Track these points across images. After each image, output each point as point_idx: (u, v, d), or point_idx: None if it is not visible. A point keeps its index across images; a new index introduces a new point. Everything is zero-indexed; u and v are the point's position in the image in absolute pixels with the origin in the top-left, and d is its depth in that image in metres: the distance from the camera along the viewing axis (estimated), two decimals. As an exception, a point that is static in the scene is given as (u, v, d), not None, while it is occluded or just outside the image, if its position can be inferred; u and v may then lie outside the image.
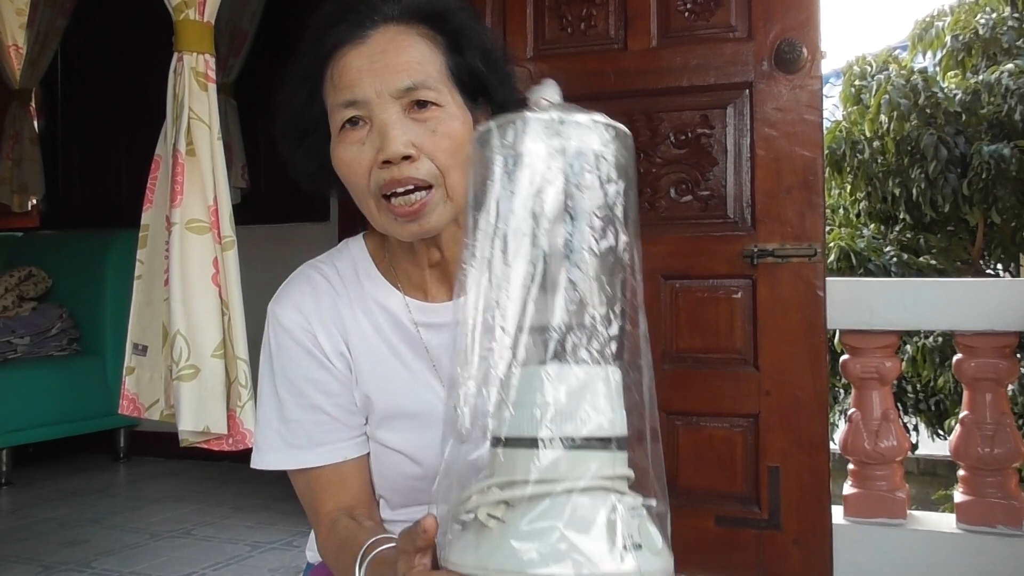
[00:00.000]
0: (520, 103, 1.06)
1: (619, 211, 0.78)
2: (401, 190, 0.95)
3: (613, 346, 0.76)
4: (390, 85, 0.94)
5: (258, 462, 1.07)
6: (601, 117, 0.79)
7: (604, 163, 0.78)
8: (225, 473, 3.52)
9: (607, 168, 0.78)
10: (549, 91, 0.82)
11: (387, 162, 0.94)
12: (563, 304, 0.75)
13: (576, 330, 0.75)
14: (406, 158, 0.94)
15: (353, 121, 0.96)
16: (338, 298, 1.07)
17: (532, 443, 0.72)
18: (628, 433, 0.77)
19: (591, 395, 0.74)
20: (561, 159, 0.76)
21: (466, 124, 0.98)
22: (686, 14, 2.32)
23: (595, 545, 0.69)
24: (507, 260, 0.76)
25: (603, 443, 0.74)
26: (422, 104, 0.95)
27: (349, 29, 0.96)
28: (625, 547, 0.70)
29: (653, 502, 0.76)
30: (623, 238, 0.78)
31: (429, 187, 0.95)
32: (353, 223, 3.23)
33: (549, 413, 0.72)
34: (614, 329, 0.76)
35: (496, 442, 0.74)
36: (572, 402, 0.73)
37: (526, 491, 0.71)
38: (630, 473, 0.76)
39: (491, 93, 1.03)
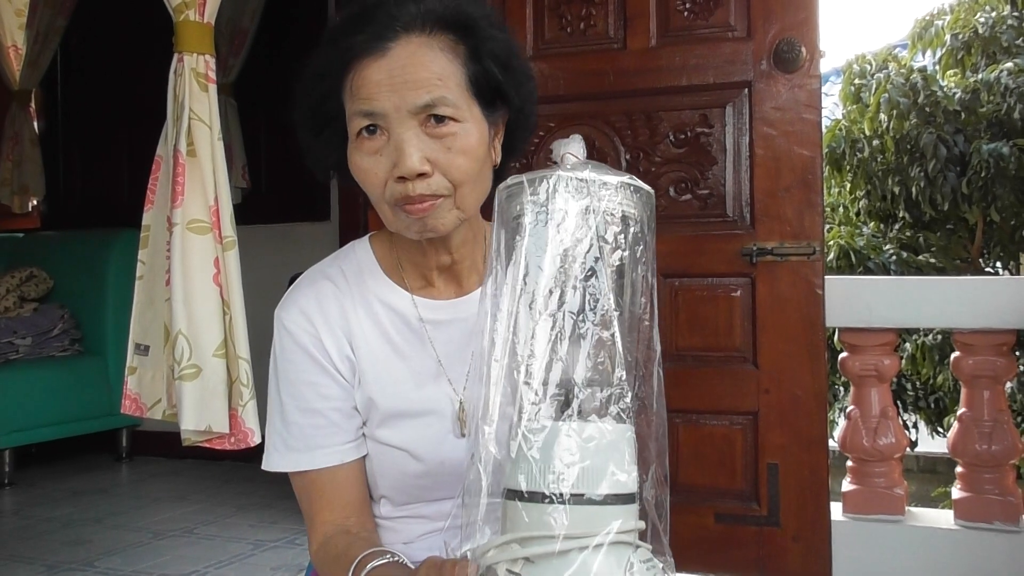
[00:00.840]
0: (535, 103, 1.07)
1: (643, 271, 0.81)
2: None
3: (635, 405, 0.78)
4: (409, 102, 0.94)
5: (265, 463, 1.10)
6: (628, 178, 0.80)
7: (631, 225, 0.80)
8: (227, 472, 3.53)
9: (634, 229, 0.80)
10: (575, 146, 0.83)
11: (402, 177, 0.95)
12: (587, 362, 0.76)
13: (599, 388, 0.77)
14: (421, 174, 0.95)
15: (370, 129, 0.97)
16: (343, 301, 1.08)
17: (556, 499, 0.73)
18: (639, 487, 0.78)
19: (615, 453, 0.76)
20: (590, 218, 0.77)
21: (483, 136, 0.99)
22: (685, 13, 2.33)
23: None
24: (532, 315, 0.77)
25: (622, 499, 0.75)
26: (439, 119, 0.96)
27: (370, 40, 0.96)
28: None
29: (660, 559, 0.78)
30: (643, 299, 0.81)
31: (439, 196, 0.97)
32: (354, 222, 3.25)
33: (575, 471, 0.74)
34: (635, 389, 0.78)
35: (516, 496, 0.75)
36: (598, 461, 0.74)
37: (550, 548, 0.72)
38: (642, 524, 0.78)
39: (509, 99, 1.03)
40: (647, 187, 0.82)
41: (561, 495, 0.73)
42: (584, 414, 0.76)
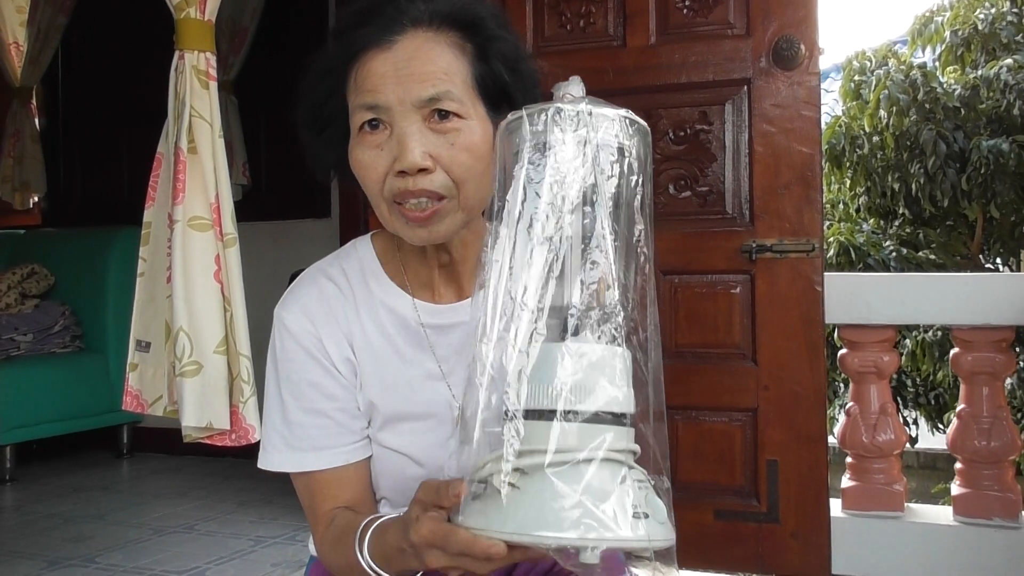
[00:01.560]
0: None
1: (638, 201, 0.82)
2: (414, 200, 0.95)
3: (625, 328, 0.79)
4: (413, 95, 0.93)
5: (263, 462, 1.08)
6: (625, 112, 0.82)
7: (626, 155, 0.81)
8: (228, 469, 3.53)
9: (629, 160, 0.81)
10: (574, 87, 0.85)
11: (403, 172, 0.94)
12: (582, 285, 0.78)
13: (593, 310, 0.79)
14: (422, 170, 0.94)
15: (373, 124, 0.95)
16: (345, 302, 1.07)
17: (550, 415, 0.75)
18: (636, 411, 0.80)
19: (607, 371, 0.78)
20: (587, 149, 0.79)
21: (486, 136, 0.97)
22: (685, 11, 2.33)
23: (607, 513, 0.73)
24: (530, 242, 0.79)
25: (616, 417, 0.77)
26: (443, 115, 0.94)
27: (377, 32, 0.95)
28: (635, 515, 0.73)
29: (655, 479, 0.80)
30: (640, 227, 0.82)
31: (442, 197, 0.96)
32: (354, 220, 3.26)
33: (567, 387, 0.76)
34: (628, 312, 0.80)
35: (512, 414, 0.77)
36: (590, 377, 0.76)
37: (543, 460, 0.74)
38: (637, 448, 0.79)
39: (515, 102, 1.01)
40: (643, 122, 0.84)
41: (554, 411, 0.75)
42: (578, 336, 0.78)
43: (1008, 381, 4.83)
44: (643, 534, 0.73)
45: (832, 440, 2.40)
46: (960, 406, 2.32)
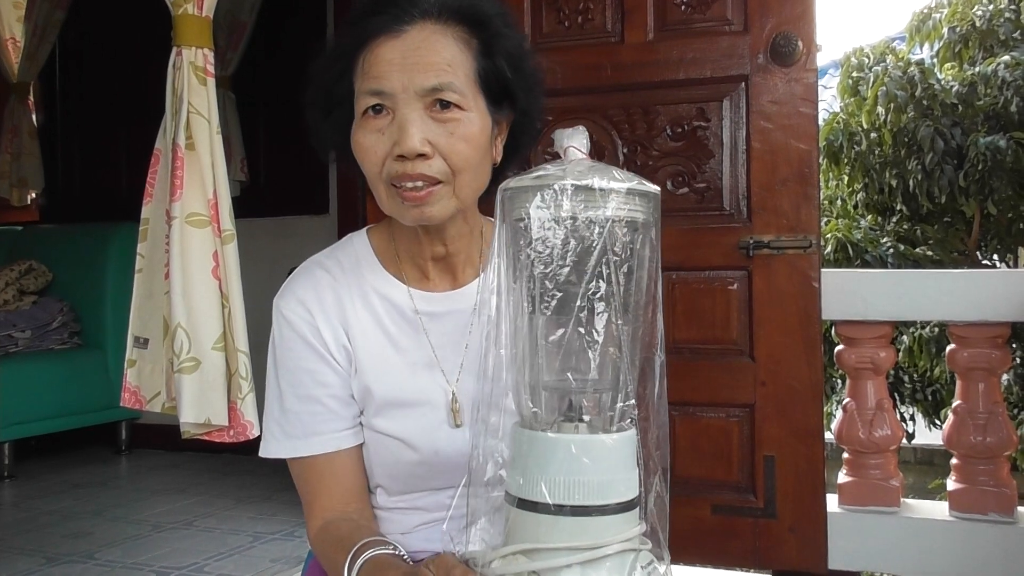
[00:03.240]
0: (542, 111, 1.09)
1: (649, 271, 0.81)
2: (410, 183, 0.98)
3: (635, 410, 0.79)
4: (417, 83, 0.96)
5: (262, 451, 1.11)
6: (637, 183, 0.79)
7: (638, 230, 0.79)
8: (226, 465, 3.54)
9: (641, 235, 0.80)
10: (578, 139, 0.84)
11: (402, 156, 0.97)
12: (593, 367, 0.77)
13: (604, 393, 0.78)
14: (420, 155, 0.97)
15: (376, 108, 0.99)
16: (340, 290, 1.09)
17: (562, 511, 0.74)
18: (641, 491, 0.80)
19: (621, 461, 0.77)
20: (598, 227, 0.77)
21: (485, 129, 1.01)
22: (682, 7, 2.33)
23: None
24: (541, 321, 0.78)
25: (626, 506, 0.77)
26: (445, 104, 0.98)
27: (388, 21, 0.98)
28: None
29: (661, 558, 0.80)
30: (655, 298, 0.82)
31: (438, 182, 0.98)
32: (352, 216, 3.25)
33: (582, 485, 0.74)
34: (635, 396, 0.79)
35: (522, 504, 0.76)
36: (607, 472, 0.76)
37: (556, 562, 0.73)
38: (644, 526, 0.79)
39: (516, 100, 1.05)
40: (654, 188, 0.81)
41: (567, 507, 0.74)
42: (590, 419, 0.77)
43: (1005, 377, 4.84)
44: None
45: (829, 436, 2.40)
46: (956, 402, 2.33)
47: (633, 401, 0.79)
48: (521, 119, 1.07)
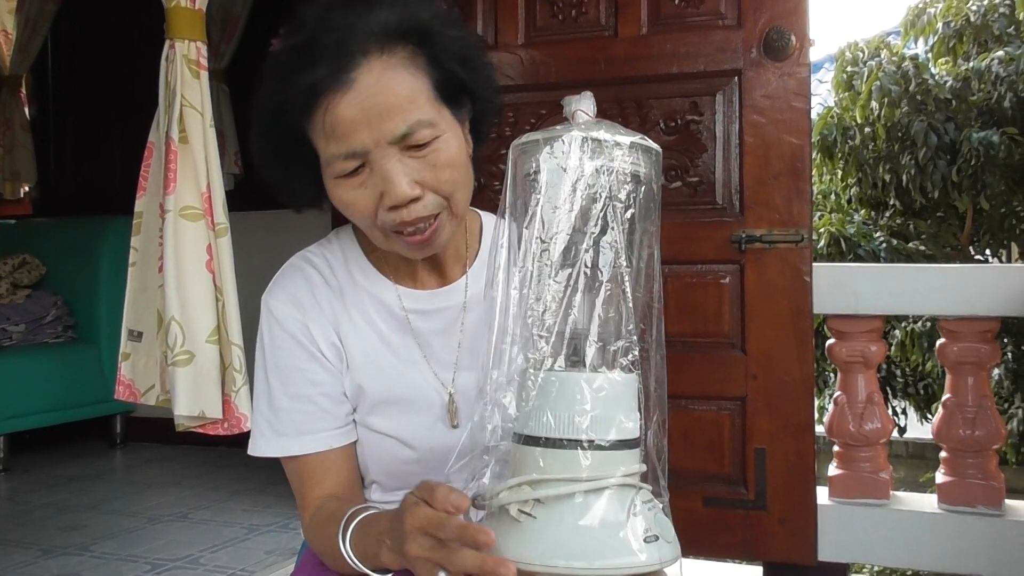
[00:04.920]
0: (498, 91, 1.08)
1: (651, 226, 0.85)
2: (411, 229, 0.97)
3: (638, 355, 0.82)
4: (387, 133, 0.93)
5: (251, 448, 1.10)
6: (640, 138, 0.84)
7: (642, 183, 0.84)
8: (221, 458, 3.54)
9: (644, 187, 0.84)
10: (586, 103, 0.87)
11: (395, 206, 0.95)
12: (598, 314, 0.80)
13: (609, 339, 0.81)
14: (413, 199, 0.95)
15: (353, 170, 0.96)
16: (329, 289, 1.08)
17: (569, 444, 0.78)
18: (642, 433, 0.83)
19: (623, 402, 0.80)
20: (604, 177, 0.81)
21: (460, 142, 0.99)
22: (676, 1, 2.34)
23: (622, 541, 0.76)
24: (547, 269, 0.81)
25: (628, 444, 0.80)
26: (419, 143, 0.95)
27: (331, 74, 0.92)
28: (646, 539, 0.77)
29: (661, 496, 0.84)
30: (653, 252, 0.85)
31: (437, 215, 0.97)
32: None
33: (588, 418, 0.78)
34: (640, 337, 0.83)
35: (529, 440, 0.79)
36: (608, 409, 0.79)
37: (560, 490, 0.77)
38: (644, 467, 0.82)
39: (473, 94, 1.03)
40: (656, 146, 0.86)
41: (573, 441, 0.78)
42: (593, 364, 0.81)
43: (995, 372, 4.86)
44: (656, 557, 0.77)
45: (820, 429, 2.42)
46: (946, 396, 2.34)
47: (635, 345, 0.82)
48: (481, 106, 1.05)
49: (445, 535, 0.77)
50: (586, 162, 0.81)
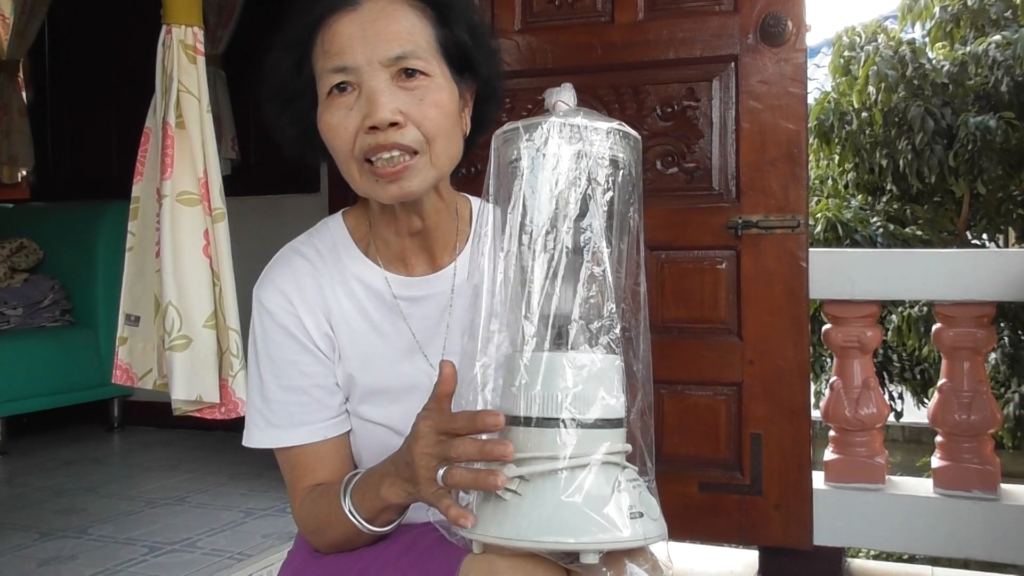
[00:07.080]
0: (502, 77, 1.09)
1: (632, 211, 0.87)
2: (386, 155, 0.97)
3: (620, 336, 0.84)
4: (380, 53, 0.96)
5: (246, 440, 1.11)
6: (618, 124, 0.86)
7: (620, 167, 0.86)
8: (218, 442, 3.55)
9: (623, 172, 0.86)
10: (566, 94, 0.88)
11: (374, 128, 0.96)
12: (580, 295, 0.82)
13: (591, 320, 0.83)
14: (393, 124, 0.96)
15: (341, 87, 0.98)
16: (320, 278, 1.08)
17: (552, 423, 0.80)
18: (627, 414, 0.85)
19: (605, 381, 0.82)
20: (583, 162, 0.84)
21: (452, 95, 1.00)
22: (673, -13, 2.33)
23: (607, 517, 0.77)
24: (529, 253, 0.83)
25: (611, 423, 0.82)
26: (410, 73, 0.97)
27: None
28: (630, 516, 0.78)
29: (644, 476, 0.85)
30: (637, 237, 0.87)
31: (414, 152, 0.98)
32: (343, 194, 3.24)
33: (570, 397, 0.80)
34: (622, 320, 0.85)
35: (514, 420, 0.82)
36: (591, 388, 0.81)
37: (547, 467, 0.79)
38: (629, 447, 0.84)
39: (476, 68, 1.04)
40: (635, 133, 0.88)
41: (556, 419, 0.80)
42: (576, 345, 0.82)
43: (992, 356, 4.87)
44: (640, 533, 0.78)
45: (816, 414, 2.43)
46: (941, 380, 2.36)
47: (616, 324, 0.83)
48: (484, 88, 1.07)
49: (456, 426, 0.82)
50: (564, 147, 0.83)
